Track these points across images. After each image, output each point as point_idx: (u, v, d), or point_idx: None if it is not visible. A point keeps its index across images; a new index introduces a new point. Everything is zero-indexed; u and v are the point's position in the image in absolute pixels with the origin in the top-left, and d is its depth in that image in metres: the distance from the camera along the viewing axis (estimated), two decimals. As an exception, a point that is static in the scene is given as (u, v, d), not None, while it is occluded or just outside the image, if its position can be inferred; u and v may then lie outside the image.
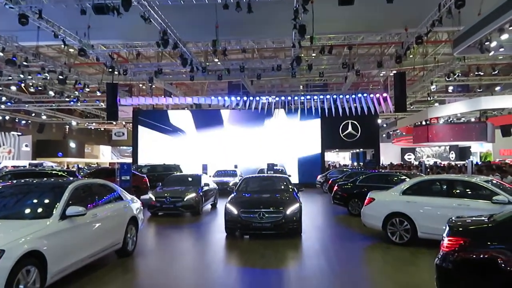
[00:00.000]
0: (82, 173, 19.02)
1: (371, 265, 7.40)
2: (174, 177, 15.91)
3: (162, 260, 7.68)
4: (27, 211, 5.56)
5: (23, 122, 38.31)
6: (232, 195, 10.45)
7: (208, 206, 14.95)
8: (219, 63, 21.25)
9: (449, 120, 32.03)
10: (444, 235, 4.50)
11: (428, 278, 5.40)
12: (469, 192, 8.01)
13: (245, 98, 27.52)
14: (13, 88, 27.17)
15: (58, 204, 5.53)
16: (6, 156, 37.96)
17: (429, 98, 30.04)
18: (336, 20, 15.55)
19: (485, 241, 4.19)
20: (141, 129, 30.06)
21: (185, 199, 12.86)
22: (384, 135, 44.93)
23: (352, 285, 5.95)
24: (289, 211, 8.99)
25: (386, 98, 26.11)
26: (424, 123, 32.33)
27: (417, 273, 6.53)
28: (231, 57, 22.60)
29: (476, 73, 22.82)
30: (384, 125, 43.93)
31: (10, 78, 23.04)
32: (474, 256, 4.13)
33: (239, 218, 8.98)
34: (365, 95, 26.76)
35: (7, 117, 36.35)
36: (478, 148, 39.34)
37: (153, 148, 29.48)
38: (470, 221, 4.84)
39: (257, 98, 27.62)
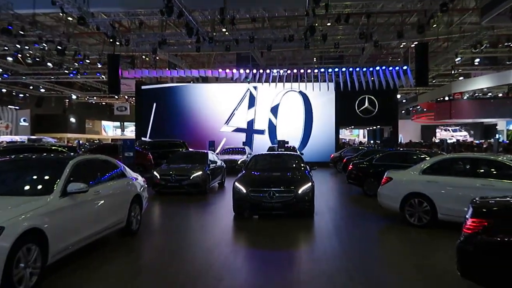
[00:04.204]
0: (83, 149, 19.24)
1: (387, 247, 7.42)
2: (179, 154, 16.08)
3: (168, 240, 7.77)
4: (27, 187, 5.62)
5: (21, 95, 38.59)
6: (241, 173, 10.56)
7: (215, 185, 15.09)
8: (227, 33, 20.98)
9: (474, 96, 31.56)
10: (467, 216, 4.48)
11: (448, 261, 5.40)
12: (494, 172, 7.94)
13: (254, 71, 27.40)
14: (9, 59, 27.24)
15: (59, 180, 5.58)
16: (4, 131, 38.46)
17: (453, 72, 29.58)
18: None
19: (511, 223, 4.17)
20: (145, 104, 30.23)
21: (191, 177, 13.00)
22: (403, 112, 44.56)
23: (366, 267, 5.97)
24: (301, 190, 9.02)
25: (406, 71, 25.76)
26: (447, 98, 31.94)
27: (436, 256, 6.53)
28: (240, 26, 22.27)
29: (506, 43, 22.31)
30: (404, 101, 43.43)
31: (6, 48, 23.11)
32: (498, 238, 4.11)
33: (248, 197, 9.05)
34: (383, 68, 26.42)
35: (4, 90, 36.60)
36: (505, 126, 38.87)
37: (158, 124, 29.67)
38: (494, 202, 4.78)
39: (268, 71, 27.48)
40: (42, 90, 38.24)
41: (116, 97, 41.84)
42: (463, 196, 7.18)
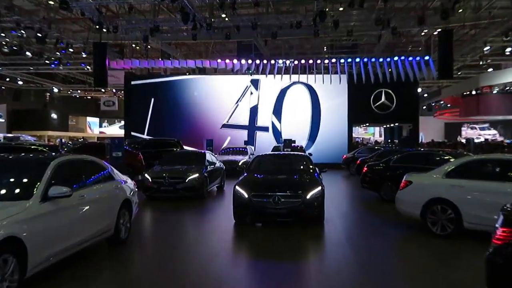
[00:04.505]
0: (66, 149, 19.27)
1: (406, 259, 7.39)
2: (174, 155, 16.23)
3: (160, 250, 7.79)
4: (3, 191, 5.59)
5: (-4, 88, 38.76)
6: (242, 176, 10.61)
7: (213, 189, 15.16)
8: (226, 19, 21.01)
9: (505, 89, 31.46)
10: (497, 225, 4.45)
11: (476, 275, 5.39)
12: (528, 175, 7.94)
13: (257, 61, 27.40)
14: (-16, 48, 27.37)
15: (39, 183, 5.56)
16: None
17: (481, 62, 29.45)
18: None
19: (547, 233, 4.14)
20: (135, 98, 30.33)
21: (187, 180, 13.04)
22: (424, 107, 44.44)
23: (384, 283, 5.96)
24: (309, 195, 9.04)
25: (428, 62, 25.71)
26: (474, 92, 31.84)
27: (462, 270, 6.51)
28: (242, 11, 22.26)
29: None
30: (425, 95, 43.37)
31: (-21, 36, 23.21)
32: (533, 250, 4.09)
33: (250, 203, 9.07)
34: (402, 58, 26.35)
35: (-23, 83, 36.81)
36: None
37: (150, 121, 29.78)
38: (528, 209, 4.78)
39: (272, 62, 27.49)
40: (20, 83, 38.19)
41: (103, 90, 41.94)
42: (493, 203, 7.10)
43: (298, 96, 28.88)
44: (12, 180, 5.92)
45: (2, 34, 21.95)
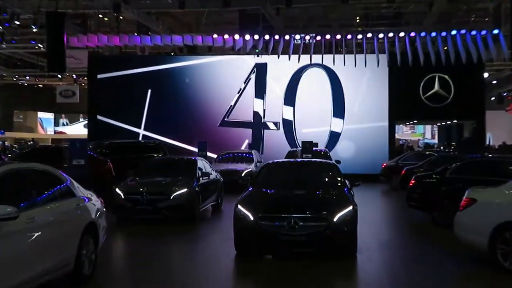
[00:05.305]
0: (10, 155, 19.35)
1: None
2: (154, 163, 16.39)
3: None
4: None
5: None
6: (247, 191, 10.59)
7: (207, 208, 15.20)
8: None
9: None
10: None
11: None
12: None
13: (266, 37, 27.32)
14: None
15: (-26, 201, 5.55)
16: None
17: None
18: None
19: None
20: (103, 86, 30.32)
21: (172, 197, 12.96)
22: (493, 99, 44.18)
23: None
24: (337, 217, 8.96)
25: (498, 38, 25.54)
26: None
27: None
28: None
29: None
30: (494, 82, 43.11)
31: None
32: None
33: (257, 228, 8.98)
34: (462, 32, 26.13)
35: None
36: None
37: (122, 117, 29.76)
38: None
39: (286, 37, 27.42)
40: None
41: (60, 76, 42.03)
42: None
43: (319, 82, 28.73)
44: None
45: None
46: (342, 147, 28.16)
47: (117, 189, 13.54)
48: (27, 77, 45.27)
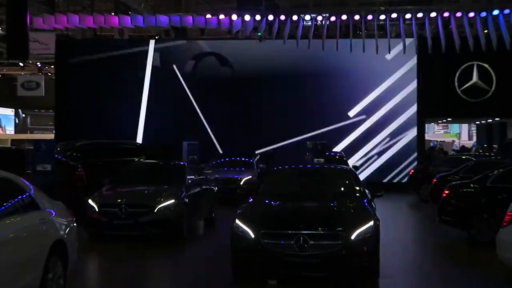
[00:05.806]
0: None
1: None
2: (135, 168, 16.34)
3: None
4: None
5: None
6: (247, 203, 10.54)
7: (199, 223, 15.23)
8: None
9: None
10: None
11: None
12: None
13: (270, 17, 27.25)
14: None
15: None
16: None
17: None
18: None
19: None
20: (74, 77, 30.44)
21: (156, 210, 12.99)
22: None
23: None
24: (355, 234, 8.91)
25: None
26: None
27: None
28: None
29: None
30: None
31: None
32: None
33: (259, 247, 8.91)
34: (506, 12, 26.08)
35: None
36: None
37: (98, 114, 30.01)
38: None
39: (294, 18, 27.32)
40: None
41: (22, 64, 42.12)
42: None
43: (335, 71, 29.37)
44: None
45: None
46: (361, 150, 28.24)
47: (90, 200, 13.45)
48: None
